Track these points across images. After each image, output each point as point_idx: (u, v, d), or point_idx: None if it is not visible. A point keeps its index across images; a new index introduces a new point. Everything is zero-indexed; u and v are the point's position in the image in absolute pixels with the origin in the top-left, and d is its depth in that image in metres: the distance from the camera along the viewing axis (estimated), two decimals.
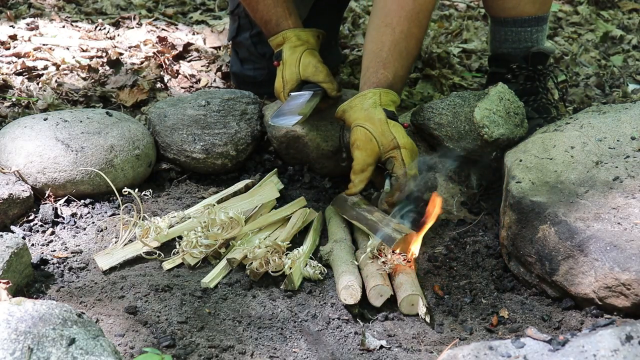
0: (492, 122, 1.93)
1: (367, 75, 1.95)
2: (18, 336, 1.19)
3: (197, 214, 1.88)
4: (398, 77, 1.95)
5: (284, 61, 2.08)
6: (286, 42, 2.08)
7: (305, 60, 2.06)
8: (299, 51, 2.07)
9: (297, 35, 2.09)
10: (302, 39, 2.08)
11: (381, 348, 1.53)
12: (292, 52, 2.07)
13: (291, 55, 2.07)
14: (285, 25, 2.10)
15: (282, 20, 2.10)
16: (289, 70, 2.07)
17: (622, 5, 3.79)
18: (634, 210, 1.59)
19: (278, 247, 1.75)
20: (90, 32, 2.99)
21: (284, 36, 2.09)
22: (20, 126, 2.02)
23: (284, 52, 2.08)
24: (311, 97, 2.05)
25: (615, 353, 1.17)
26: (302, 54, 2.06)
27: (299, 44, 2.08)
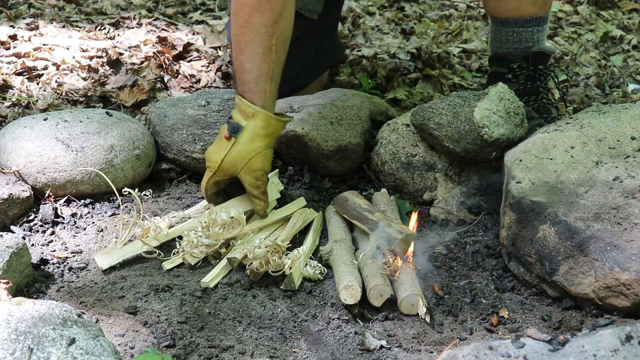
0: (492, 122, 1.93)
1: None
2: (18, 336, 1.19)
3: (198, 214, 1.88)
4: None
5: (237, 143, 1.81)
6: (251, 122, 1.81)
7: (254, 165, 1.83)
8: (256, 145, 1.82)
9: (267, 123, 1.82)
10: (268, 131, 1.83)
11: (381, 348, 1.53)
12: (250, 140, 1.81)
13: (247, 144, 1.81)
14: (261, 93, 1.82)
15: (262, 81, 1.82)
16: (233, 161, 1.82)
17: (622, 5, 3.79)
18: (634, 210, 1.59)
19: (278, 247, 1.75)
20: (90, 32, 2.99)
21: (255, 114, 1.80)
22: (20, 126, 2.02)
23: (244, 133, 1.81)
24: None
25: (615, 353, 1.17)
26: (257, 154, 1.82)
27: (262, 134, 1.82)
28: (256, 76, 1.82)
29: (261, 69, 1.82)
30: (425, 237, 1.93)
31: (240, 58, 1.83)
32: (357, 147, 2.15)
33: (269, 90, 1.83)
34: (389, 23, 3.45)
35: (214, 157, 1.85)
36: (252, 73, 1.82)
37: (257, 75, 1.82)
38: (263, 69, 1.82)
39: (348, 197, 1.95)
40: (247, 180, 1.85)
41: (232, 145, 1.81)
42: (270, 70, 1.82)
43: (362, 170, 2.20)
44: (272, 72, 1.83)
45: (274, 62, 1.83)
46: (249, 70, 1.82)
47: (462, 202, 2.04)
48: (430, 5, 3.72)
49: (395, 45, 3.12)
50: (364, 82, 2.78)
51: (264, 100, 1.82)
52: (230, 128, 1.82)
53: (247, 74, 1.82)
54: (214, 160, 1.85)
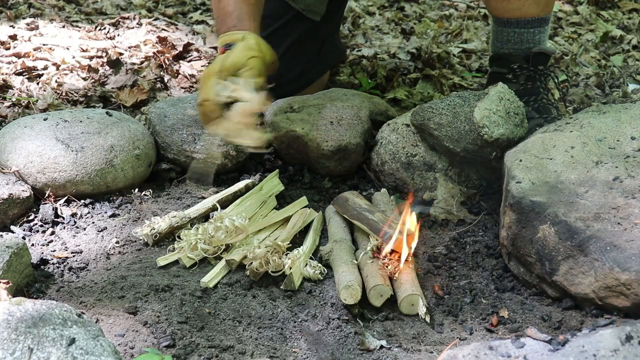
0: (492, 122, 1.93)
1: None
2: (18, 336, 1.19)
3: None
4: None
5: (234, 50, 1.86)
6: (243, 41, 1.88)
7: (255, 63, 1.85)
8: (251, 53, 1.86)
9: (259, 42, 1.89)
10: (261, 49, 1.88)
11: (381, 348, 1.53)
12: (245, 50, 1.86)
13: (243, 51, 1.85)
14: (247, 27, 1.91)
15: (245, 19, 1.92)
16: (235, 58, 1.84)
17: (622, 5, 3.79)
18: (634, 210, 1.59)
19: (278, 247, 1.75)
20: (90, 32, 2.99)
21: (245, 36, 1.88)
22: (20, 126, 2.02)
23: (238, 45, 1.87)
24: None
25: (615, 353, 1.17)
26: (253, 58, 1.85)
27: (255, 49, 1.87)
28: (238, 16, 1.92)
29: (242, 9, 1.92)
30: (425, 237, 1.93)
31: (221, 5, 1.94)
32: (357, 147, 2.15)
33: (253, 27, 1.92)
34: (389, 23, 3.45)
35: (212, 67, 1.86)
36: (234, 14, 1.92)
37: (239, 14, 1.92)
38: (244, 9, 1.92)
39: (348, 197, 1.95)
40: (248, 74, 1.85)
41: (229, 53, 1.86)
42: (250, 12, 1.93)
43: (362, 170, 2.20)
44: (253, 13, 1.94)
45: (253, 5, 1.94)
46: (231, 12, 1.92)
47: (462, 202, 2.04)
48: (430, 5, 3.72)
49: (395, 45, 3.12)
50: (364, 82, 2.78)
51: (250, 22, 1.92)
52: (224, 46, 1.88)
53: (229, 16, 1.92)
54: (213, 67, 1.86)
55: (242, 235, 1.81)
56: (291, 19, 2.43)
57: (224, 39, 1.91)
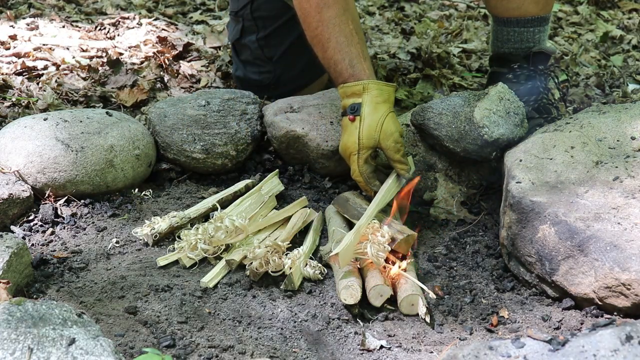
0: (492, 122, 1.93)
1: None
2: (18, 336, 1.19)
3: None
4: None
5: (363, 118, 1.85)
6: (366, 94, 1.85)
7: (388, 129, 1.85)
8: (381, 111, 1.86)
9: (380, 89, 1.86)
10: (384, 95, 1.87)
11: (381, 348, 1.53)
12: (374, 109, 1.85)
13: (372, 114, 1.85)
14: (362, 71, 1.87)
15: (357, 62, 1.88)
16: (368, 133, 1.85)
17: (622, 5, 3.79)
18: (634, 210, 1.59)
19: (278, 247, 1.75)
20: (90, 32, 2.99)
21: (365, 86, 1.85)
22: (20, 126, 2.02)
23: (364, 107, 1.85)
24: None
25: (615, 353, 1.17)
26: (386, 118, 1.86)
27: (380, 101, 1.86)
28: (349, 61, 1.88)
29: (351, 53, 1.88)
30: (425, 237, 1.93)
31: (327, 55, 1.91)
32: None
33: (367, 66, 1.90)
34: (389, 23, 3.45)
35: (350, 142, 1.88)
36: (345, 61, 1.88)
37: (350, 60, 1.88)
38: (353, 53, 1.88)
39: (349, 197, 1.95)
40: (388, 145, 1.87)
41: (360, 122, 1.86)
42: (359, 52, 1.90)
43: None
44: (362, 52, 1.90)
45: (359, 43, 1.90)
46: (341, 60, 1.89)
47: (462, 202, 2.04)
48: (430, 5, 3.72)
49: (395, 45, 3.12)
50: None
51: (367, 75, 1.88)
52: (349, 110, 1.87)
53: (340, 63, 1.89)
54: (351, 144, 1.88)
55: (242, 235, 1.81)
56: (291, 19, 2.43)
57: (343, 91, 1.89)
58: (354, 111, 1.86)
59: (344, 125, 1.91)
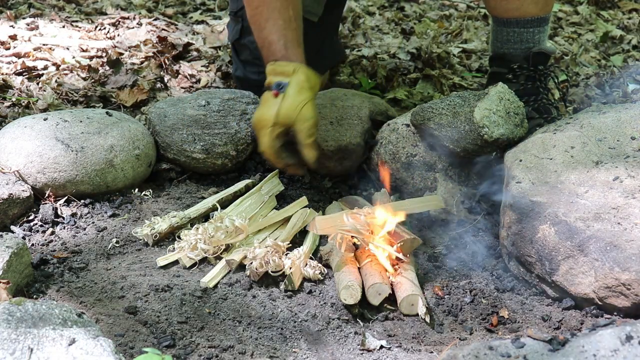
0: (492, 122, 1.93)
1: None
2: (18, 336, 1.19)
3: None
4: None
5: (286, 96, 1.89)
6: (294, 76, 1.90)
7: (307, 113, 1.90)
8: (305, 95, 1.90)
9: (308, 75, 1.92)
10: (310, 82, 1.92)
11: (381, 348, 1.53)
12: (298, 91, 1.89)
13: (296, 95, 1.89)
14: (295, 55, 1.92)
15: (291, 46, 1.93)
16: (287, 111, 1.89)
17: (622, 5, 3.79)
18: (634, 210, 1.59)
19: (278, 247, 1.75)
20: (90, 32, 2.99)
21: (295, 69, 1.90)
22: (20, 126, 2.02)
23: (291, 86, 1.89)
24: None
25: (615, 353, 1.17)
26: (307, 103, 1.90)
27: (306, 87, 1.90)
28: (284, 43, 1.93)
29: (287, 37, 1.94)
30: (425, 237, 1.93)
31: (263, 34, 1.96)
32: (357, 147, 2.15)
33: (299, 53, 1.94)
34: (389, 23, 3.45)
35: (267, 115, 1.91)
36: (280, 42, 1.93)
37: (285, 42, 1.93)
38: (289, 36, 1.94)
39: (358, 199, 1.96)
40: (302, 129, 1.91)
41: (282, 99, 1.89)
42: (295, 37, 1.95)
43: (362, 170, 2.20)
44: (297, 38, 1.95)
45: (295, 30, 1.96)
46: (276, 40, 1.94)
47: (462, 202, 2.04)
48: (430, 5, 3.72)
49: (395, 45, 3.12)
50: (364, 82, 2.78)
51: (299, 60, 1.93)
52: (275, 86, 1.90)
53: (275, 44, 1.94)
54: (267, 117, 1.91)
55: (242, 236, 1.81)
56: None
57: (273, 68, 1.93)
58: (280, 88, 1.90)
59: (264, 99, 1.94)
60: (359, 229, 1.73)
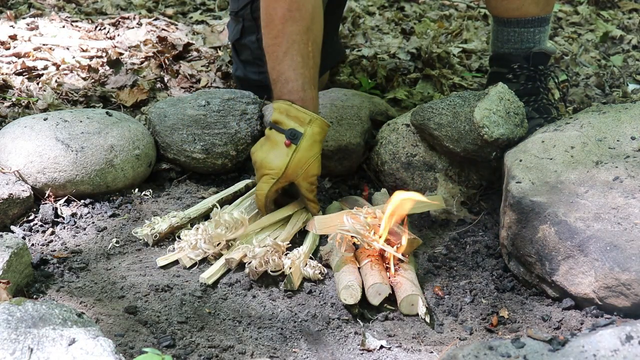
0: (492, 122, 1.93)
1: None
2: (18, 336, 1.19)
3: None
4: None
5: (299, 149, 1.83)
6: (309, 127, 1.83)
7: (312, 170, 1.87)
8: (315, 150, 1.86)
9: (322, 129, 1.86)
10: (322, 134, 1.87)
11: (381, 348, 1.53)
12: (310, 146, 1.84)
13: (308, 150, 1.84)
14: (311, 99, 1.85)
15: (309, 88, 1.85)
16: (296, 167, 1.84)
17: (622, 5, 3.79)
18: (634, 210, 1.59)
19: (278, 246, 1.75)
20: (90, 32, 2.99)
21: (312, 120, 1.83)
22: (20, 126, 2.02)
23: (305, 139, 1.83)
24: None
25: (615, 353, 1.17)
26: (315, 159, 1.86)
27: (318, 140, 1.86)
28: (302, 84, 1.84)
29: (305, 76, 1.85)
30: (425, 237, 1.93)
31: (279, 67, 1.85)
32: (357, 147, 2.15)
33: (315, 96, 1.88)
34: (389, 23, 3.45)
35: (276, 164, 1.84)
36: (298, 81, 1.84)
37: (303, 82, 1.84)
38: (306, 76, 1.85)
39: (358, 199, 1.96)
40: (304, 185, 1.88)
41: (294, 152, 1.83)
42: (312, 77, 1.86)
43: (362, 170, 2.20)
44: (313, 78, 1.87)
45: (313, 68, 1.87)
46: (294, 79, 1.84)
47: (462, 202, 2.04)
48: (430, 5, 3.72)
49: (395, 45, 3.12)
50: (364, 82, 2.78)
51: (314, 107, 1.87)
52: (289, 135, 1.82)
53: (292, 82, 1.84)
54: (276, 167, 1.84)
55: (242, 229, 1.80)
56: None
57: (287, 109, 1.84)
58: (294, 138, 1.82)
59: (274, 142, 1.85)
60: (359, 229, 1.73)
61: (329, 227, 1.77)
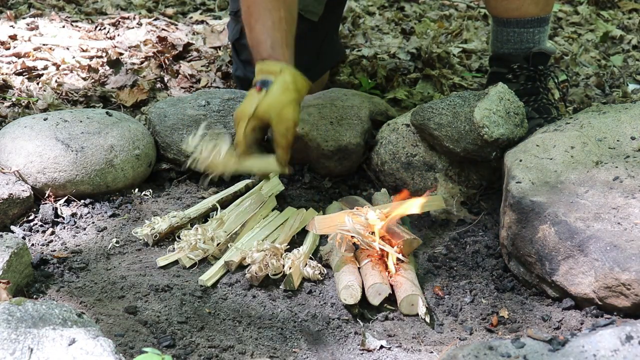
0: (492, 122, 1.93)
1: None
2: (18, 336, 1.19)
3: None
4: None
5: (269, 92, 1.85)
6: (280, 75, 1.85)
7: (287, 114, 1.86)
8: (288, 96, 1.86)
9: (294, 77, 1.87)
10: (297, 85, 1.87)
11: (381, 348, 1.53)
12: (282, 91, 1.85)
13: (279, 94, 1.85)
14: (281, 55, 1.89)
15: (279, 47, 1.90)
16: (267, 107, 1.85)
17: (622, 5, 3.79)
18: (634, 210, 1.59)
19: (276, 249, 1.75)
20: (90, 32, 2.99)
21: (282, 69, 1.86)
22: (20, 126, 2.02)
23: (275, 84, 1.85)
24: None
25: (615, 353, 1.17)
26: (289, 104, 1.86)
27: (291, 88, 1.86)
28: (271, 43, 1.90)
29: (274, 37, 1.91)
30: (425, 237, 1.93)
31: (252, 34, 1.94)
32: (357, 147, 2.15)
33: (288, 54, 1.91)
34: (389, 23, 3.45)
35: (246, 108, 1.87)
36: (267, 43, 1.91)
37: (272, 42, 1.90)
38: (276, 37, 1.91)
39: (359, 199, 1.96)
40: (278, 129, 1.87)
41: (264, 96, 1.86)
42: (283, 39, 1.91)
43: (362, 170, 2.20)
44: (285, 40, 1.92)
45: (285, 31, 1.93)
46: (264, 40, 1.91)
47: (462, 202, 2.04)
48: (430, 5, 3.72)
49: (395, 45, 3.12)
50: (364, 82, 2.78)
51: (286, 60, 1.90)
52: (259, 82, 1.87)
53: (262, 44, 1.91)
54: (246, 110, 1.87)
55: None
56: None
57: (260, 67, 1.90)
58: (264, 84, 1.86)
59: (249, 94, 1.91)
60: (359, 229, 1.73)
61: (329, 227, 1.77)
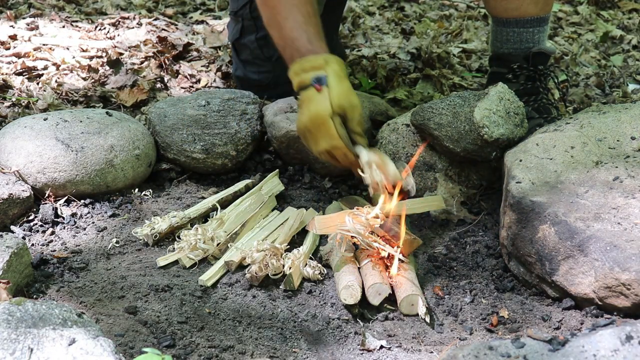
0: (492, 122, 1.93)
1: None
2: (18, 336, 1.19)
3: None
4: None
5: (331, 87, 1.77)
6: (329, 67, 1.79)
7: (355, 100, 1.81)
8: (346, 84, 1.81)
9: (340, 64, 1.81)
10: (344, 71, 1.82)
11: (381, 348, 1.53)
12: (339, 81, 1.79)
13: (340, 85, 1.78)
14: (320, 48, 1.82)
15: (316, 41, 1.83)
16: (339, 100, 1.77)
17: (622, 5, 3.79)
18: (634, 210, 1.59)
19: (276, 250, 1.75)
20: (90, 32, 2.99)
21: (327, 60, 1.79)
22: (20, 126, 2.02)
23: (331, 77, 1.77)
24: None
25: (615, 353, 1.17)
26: (351, 90, 1.81)
27: (343, 75, 1.80)
28: (307, 38, 1.83)
29: (309, 32, 1.84)
30: (425, 237, 1.93)
31: (284, 32, 1.86)
32: None
33: (325, 45, 1.85)
34: (389, 23, 3.45)
35: (320, 109, 1.77)
36: (303, 38, 1.84)
37: (308, 37, 1.83)
38: (311, 31, 1.85)
39: (359, 199, 1.96)
40: (354, 117, 1.80)
41: (329, 91, 1.77)
42: (317, 32, 1.86)
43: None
44: (319, 32, 1.86)
45: (317, 25, 1.87)
46: (299, 36, 1.84)
47: (462, 202, 2.04)
48: (430, 5, 3.72)
49: (395, 45, 3.12)
50: (364, 82, 2.78)
51: (325, 52, 1.83)
52: (314, 81, 1.78)
53: (298, 40, 1.84)
54: (324, 110, 1.76)
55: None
56: None
57: (300, 65, 1.82)
58: (320, 82, 1.77)
59: (307, 99, 1.80)
60: (359, 229, 1.73)
61: (329, 227, 1.77)
